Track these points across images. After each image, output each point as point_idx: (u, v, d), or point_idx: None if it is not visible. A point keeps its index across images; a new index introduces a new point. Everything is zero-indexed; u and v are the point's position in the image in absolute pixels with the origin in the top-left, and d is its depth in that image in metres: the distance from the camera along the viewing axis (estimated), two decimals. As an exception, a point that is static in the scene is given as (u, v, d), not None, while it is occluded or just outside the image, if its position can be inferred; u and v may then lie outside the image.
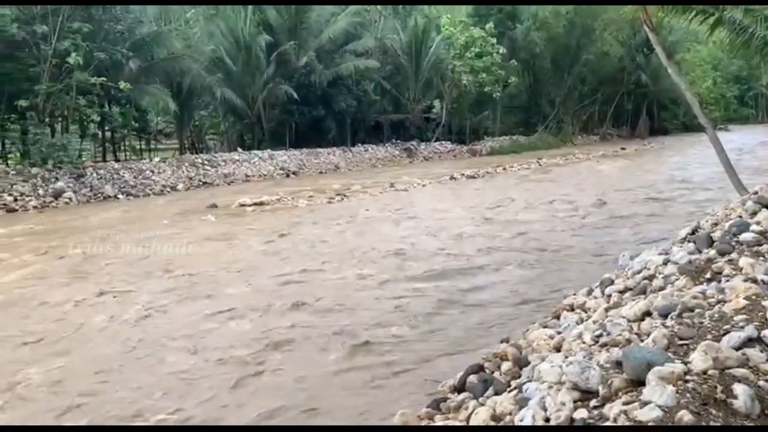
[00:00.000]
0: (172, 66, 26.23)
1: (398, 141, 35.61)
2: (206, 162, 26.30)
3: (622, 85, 47.44)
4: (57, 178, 20.50)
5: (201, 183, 24.63)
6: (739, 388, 2.59)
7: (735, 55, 13.40)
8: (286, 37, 30.26)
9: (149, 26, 26.67)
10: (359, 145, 33.70)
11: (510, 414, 3.51)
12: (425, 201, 18.46)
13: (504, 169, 27.00)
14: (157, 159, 26.04)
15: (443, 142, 37.62)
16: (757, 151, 30.81)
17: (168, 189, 23.03)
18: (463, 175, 24.55)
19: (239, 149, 29.61)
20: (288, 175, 27.66)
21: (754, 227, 5.46)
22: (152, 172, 23.82)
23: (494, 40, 35.73)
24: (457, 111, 37.90)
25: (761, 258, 4.67)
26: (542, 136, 41.64)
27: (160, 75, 26.48)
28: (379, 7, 37.54)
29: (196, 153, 29.62)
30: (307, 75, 30.17)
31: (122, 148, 28.20)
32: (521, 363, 5.06)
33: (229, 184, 25.05)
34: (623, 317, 4.43)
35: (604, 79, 46.17)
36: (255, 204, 18.00)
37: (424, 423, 4.48)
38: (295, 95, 28.97)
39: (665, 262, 5.70)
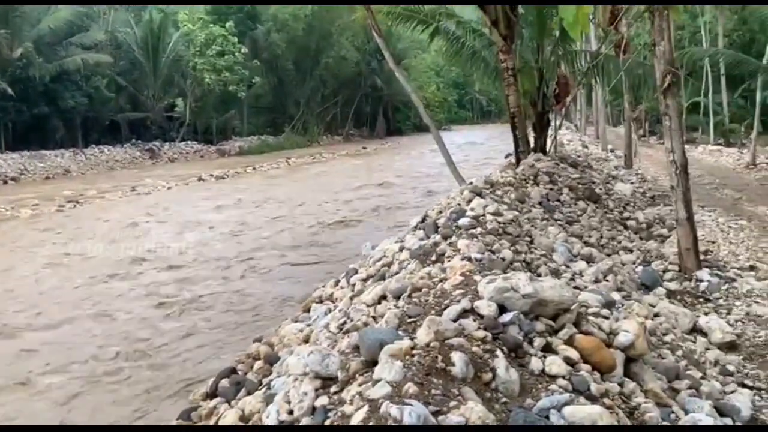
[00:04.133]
0: None
1: (139, 141, 33.30)
2: None
3: (361, 89, 50.37)
4: None
5: None
6: (456, 356, 2.87)
7: (452, 62, 15.11)
8: (-6, 24, 26.33)
9: None
10: (93, 146, 30.83)
11: (258, 412, 3.48)
12: (170, 204, 17.57)
13: (254, 169, 26.90)
14: None
15: (189, 142, 36.14)
16: (470, 148, 35.07)
17: None
18: (211, 176, 23.92)
19: (-62, 154, 25.04)
20: (5, 182, 24.20)
21: (469, 213, 6.18)
22: None
23: (236, 39, 35.38)
24: (202, 110, 36.71)
25: (475, 239, 5.31)
26: (290, 137, 42.38)
27: None
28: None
29: None
30: (25, 68, 26.67)
31: None
32: (272, 360, 5.06)
33: (-75, 195, 20.99)
34: (364, 303, 4.67)
35: (344, 82, 48.46)
36: (-39, 217, 15.37)
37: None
38: (10, 91, 25.40)
39: (401, 249, 6.13)
